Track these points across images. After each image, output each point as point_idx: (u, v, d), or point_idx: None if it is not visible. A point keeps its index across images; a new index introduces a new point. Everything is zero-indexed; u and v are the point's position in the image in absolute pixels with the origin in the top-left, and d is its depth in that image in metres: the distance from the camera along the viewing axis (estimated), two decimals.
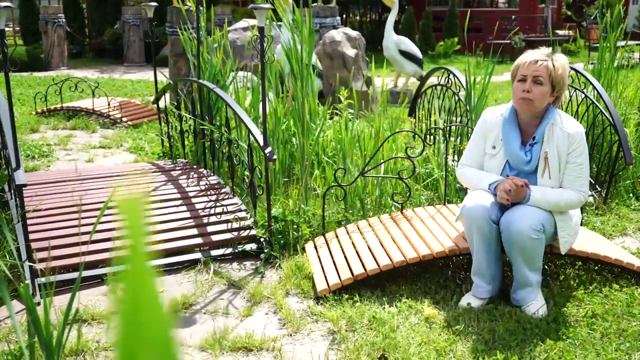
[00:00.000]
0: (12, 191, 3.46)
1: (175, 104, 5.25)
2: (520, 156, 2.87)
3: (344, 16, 21.18)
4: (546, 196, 2.79)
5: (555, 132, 2.84)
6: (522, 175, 2.91)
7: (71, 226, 3.59)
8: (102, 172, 4.74)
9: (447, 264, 3.36)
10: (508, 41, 13.96)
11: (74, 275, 3.17)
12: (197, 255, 3.47)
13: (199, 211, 3.88)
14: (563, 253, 2.92)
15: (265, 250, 3.50)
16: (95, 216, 3.71)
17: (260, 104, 4.23)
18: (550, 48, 2.95)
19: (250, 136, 3.67)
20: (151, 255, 0.39)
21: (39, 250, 3.22)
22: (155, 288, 0.38)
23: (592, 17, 15.89)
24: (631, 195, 4.53)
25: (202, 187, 4.28)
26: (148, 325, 0.38)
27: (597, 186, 4.54)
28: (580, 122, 4.25)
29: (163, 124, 5.62)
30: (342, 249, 3.36)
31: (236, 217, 3.79)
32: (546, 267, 3.26)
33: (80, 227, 3.60)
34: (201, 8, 4.80)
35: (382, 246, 3.28)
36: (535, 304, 2.83)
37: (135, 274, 0.38)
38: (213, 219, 3.79)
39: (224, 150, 4.41)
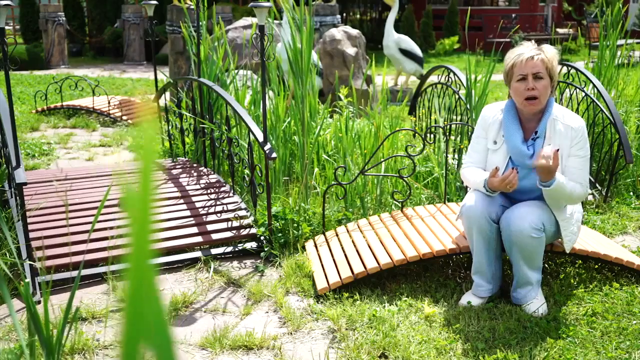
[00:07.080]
0: (12, 189, 3.46)
1: (176, 102, 5.25)
2: (522, 151, 2.85)
3: (344, 14, 21.17)
4: (568, 183, 2.75)
5: (557, 126, 2.83)
6: (524, 171, 2.90)
7: (71, 224, 3.59)
8: (102, 171, 4.73)
9: (448, 262, 3.36)
10: (508, 39, 13.94)
11: (74, 273, 3.17)
12: (197, 253, 3.47)
13: (199, 210, 3.88)
14: (568, 252, 2.92)
15: (266, 249, 3.50)
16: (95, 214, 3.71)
17: (261, 102, 4.23)
18: (532, 41, 2.95)
19: (251, 134, 3.66)
20: (154, 253, 0.39)
21: (39, 248, 3.22)
22: (156, 286, 0.38)
23: (592, 16, 15.87)
24: (631, 193, 4.52)
25: (202, 186, 4.28)
26: (149, 322, 0.38)
27: (597, 185, 4.54)
28: None
29: (163, 123, 5.62)
30: (343, 248, 3.36)
31: (236, 215, 3.79)
32: (546, 265, 3.26)
33: (80, 226, 3.60)
34: (201, 6, 4.79)
35: (383, 245, 3.28)
36: (536, 303, 2.82)
37: (137, 272, 0.38)
38: (213, 217, 3.78)
39: (224, 149, 4.41)
